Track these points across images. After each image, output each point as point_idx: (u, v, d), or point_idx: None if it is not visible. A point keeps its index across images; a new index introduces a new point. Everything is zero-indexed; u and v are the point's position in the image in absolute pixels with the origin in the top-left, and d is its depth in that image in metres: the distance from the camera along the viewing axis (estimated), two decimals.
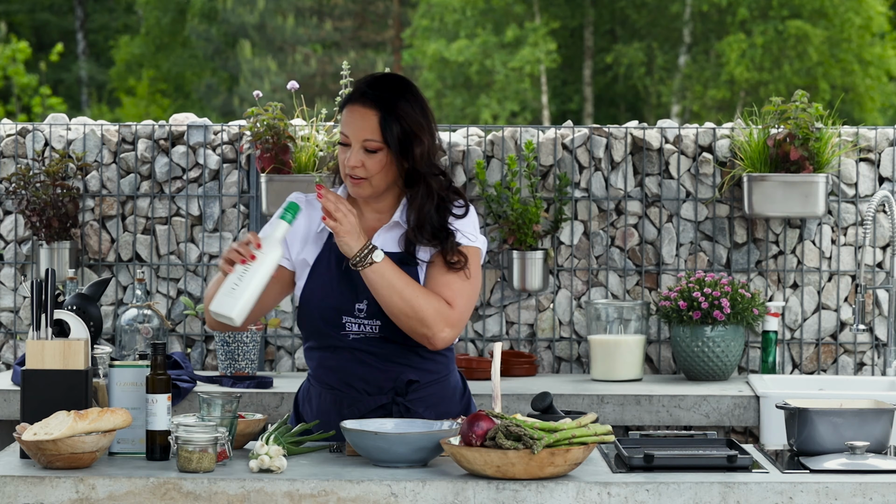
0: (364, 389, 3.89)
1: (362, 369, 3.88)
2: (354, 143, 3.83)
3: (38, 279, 3.69)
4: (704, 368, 5.34)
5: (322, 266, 3.91)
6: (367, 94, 3.84)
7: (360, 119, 3.83)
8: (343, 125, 3.86)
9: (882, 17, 21.30)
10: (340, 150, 3.87)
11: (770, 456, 3.73)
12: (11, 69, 20.69)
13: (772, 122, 5.51)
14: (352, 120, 3.84)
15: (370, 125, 3.83)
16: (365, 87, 3.86)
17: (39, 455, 3.46)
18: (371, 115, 3.83)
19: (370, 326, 3.88)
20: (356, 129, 3.83)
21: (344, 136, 3.85)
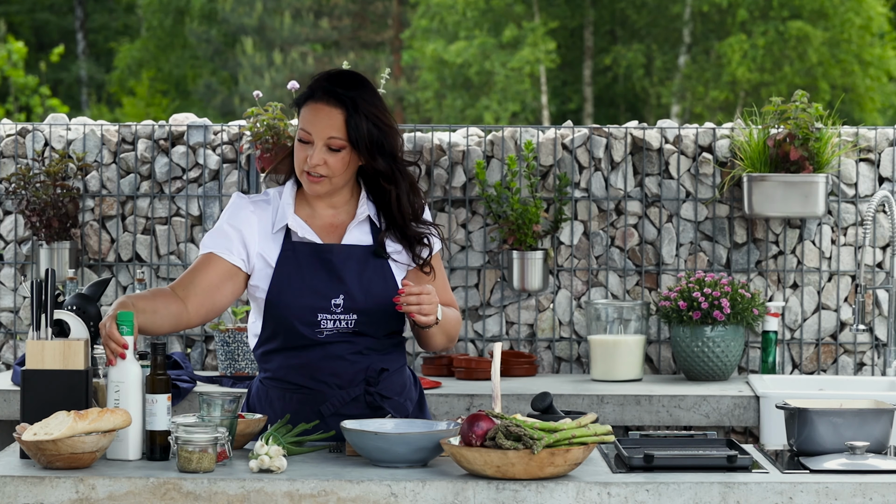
0: (336, 384, 3.88)
1: (333, 364, 3.87)
2: (317, 141, 3.82)
3: (38, 279, 3.68)
4: (704, 368, 5.34)
5: (288, 265, 3.88)
6: (331, 92, 3.82)
7: (325, 117, 3.81)
8: (305, 123, 3.83)
9: (882, 18, 21.30)
10: (299, 147, 3.84)
11: (770, 456, 3.73)
12: (9, 69, 20.69)
13: (772, 122, 5.51)
14: (315, 118, 3.82)
15: (335, 123, 3.81)
16: (327, 84, 3.84)
17: (39, 455, 3.46)
18: (336, 113, 3.82)
19: (346, 322, 3.88)
20: (320, 128, 3.81)
21: (305, 133, 3.82)
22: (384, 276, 3.92)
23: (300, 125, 3.85)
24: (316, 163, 3.82)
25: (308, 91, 3.87)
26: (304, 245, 3.89)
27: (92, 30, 25.14)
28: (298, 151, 3.85)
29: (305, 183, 3.87)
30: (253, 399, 4.00)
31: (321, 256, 3.88)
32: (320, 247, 3.89)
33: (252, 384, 4.05)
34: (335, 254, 3.89)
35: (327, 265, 3.88)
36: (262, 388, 3.97)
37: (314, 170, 3.83)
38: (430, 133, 5.71)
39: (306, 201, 3.94)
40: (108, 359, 3.61)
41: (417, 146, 5.68)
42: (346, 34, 23.08)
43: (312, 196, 3.91)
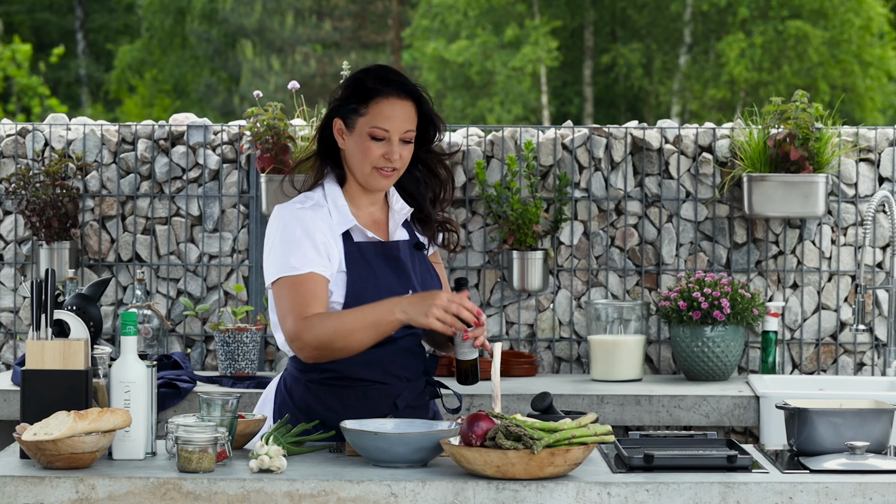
0: (405, 377, 3.91)
1: (404, 358, 3.90)
2: (394, 136, 3.84)
3: (38, 279, 3.69)
4: (704, 368, 5.34)
5: (359, 268, 3.86)
6: (401, 86, 3.86)
7: (402, 111, 3.85)
8: (381, 119, 3.83)
9: (882, 18, 21.30)
10: (370, 144, 3.84)
11: (770, 456, 3.73)
12: (12, 70, 20.70)
13: (772, 122, 5.51)
14: (394, 113, 3.84)
15: (410, 116, 3.86)
16: (398, 77, 3.88)
17: (39, 455, 3.46)
18: (410, 106, 3.87)
19: None
20: (399, 122, 3.84)
21: (382, 130, 3.83)
22: (430, 270, 4.01)
23: (374, 122, 3.83)
24: (396, 158, 3.84)
25: (375, 85, 3.86)
26: (368, 245, 3.88)
27: (92, 30, 25.14)
28: (370, 148, 3.84)
29: (374, 178, 3.87)
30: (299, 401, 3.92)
31: (389, 254, 3.90)
32: (387, 245, 3.91)
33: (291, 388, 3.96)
34: (398, 249, 3.92)
35: (394, 262, 3.90)
36: (309, 390, 3.91)
37: (394, 164, 3.85)
38: None
39: (350, 199, 3.93)
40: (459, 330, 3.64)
41: None
42: (347, 34, 23.08)
43: (373, 191, 3.92)
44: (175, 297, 5.73)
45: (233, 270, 5.72)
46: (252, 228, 5.69)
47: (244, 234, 5.71)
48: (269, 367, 5.72)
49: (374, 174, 3.86)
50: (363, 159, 3.85)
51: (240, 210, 5.71)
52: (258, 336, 5.33)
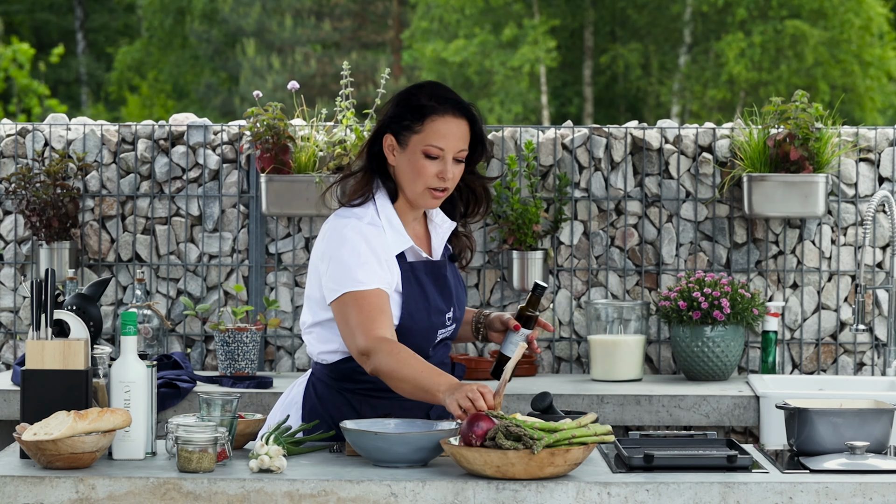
0: None
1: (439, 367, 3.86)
2: (448, 155, 3.81)
3: (38, 279, 3.69)
4: (704, 368, 5.34)
5: (412, 288, 3.86)
6: (459, 104, 3.83)
7: (457, 129, 3.81)
8: (437, 137, 3.79)
9: (882, 18, 21.30)
10: (424, 164, 3.80)
11: (770, 456, 3.73)
12: (14, 70, 20.70)
13: (772, 122, 5.51)
14: (450, 131, 3.80)
15: (464, 135, 3.84)
16: (453, 95, 3.85)
17: (39, 455, 3.46)
18: (464, 125, 3.84)
19: (450, 332, 3.97)
20: (455, 141, 3.81)
21: (437, 148, 3.80)
22: (461, 281, 4.04)
23: (429, 140, 3.80)
24: (450, 177, 3.81)
25: (430, 102, 3.82)
26: (420, 264, 3.89)
27: (92, 29, 25.14)
28: (424, 166, 3.81)
29: (425, 198, 3.84)
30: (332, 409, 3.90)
31: (436, 273, 3.91)
32: (435, 264, 3.92)
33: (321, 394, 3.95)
34: (446, 268, 3.94)
35: (441, 281, 3.91)
36: (342, 397, 3.91)
37: (448, 184, 3.82)
38: None
39: (399, 216, 3.91)
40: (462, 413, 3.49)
41: None
42: (347, 35, 23.08)
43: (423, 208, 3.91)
44: (175, 297, 5.73)
45: (233, 270, 5.72)
46: (252, 228, 5.69)
47: (244, 234, 5.71)
48: (268, 367, 5.72)
49: (426, 194, 3.83)
50: (416, 178, 3.82)
51: (240, 210, 5.71)
52: (258, 336, 5.33)
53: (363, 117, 5.61)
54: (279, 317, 5.68)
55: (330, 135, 5.57)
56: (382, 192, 3.89)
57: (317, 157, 5.52)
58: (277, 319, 5.39)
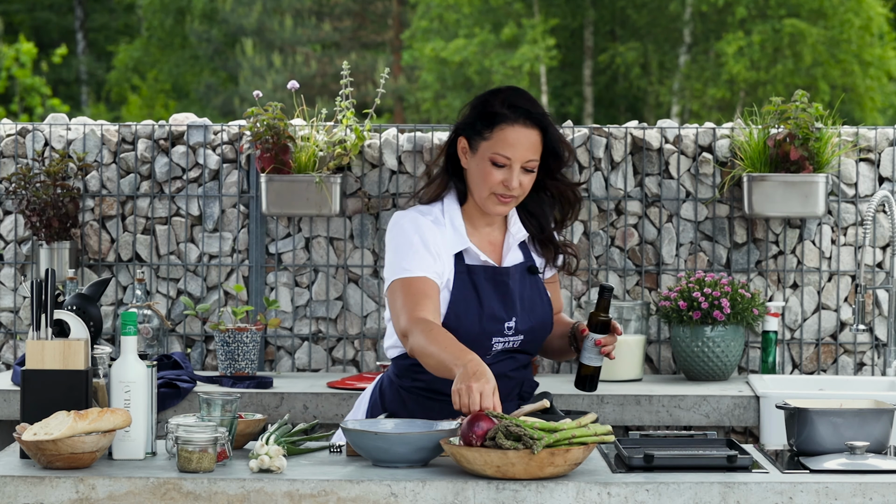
0: None
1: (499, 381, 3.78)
2: (515, 164, 3.82)
3: (38, 279, 3.69)
4: (704, 368, 5.34)
5: (465, 289, 3.87)
6: (531, 114, 3.83)
7: (526, 139, 3.82)
8: (504, 146, 3.80)
9: (882, 18, 21.30)
10: (490, 170, 3.81)
11: (770, 456, 3.73)
12: (16, 70, 20.71)
13: (772, 122, 5.51)
14: (518, 141, 3.81)
15: (534, 145, 3.83)
16: (526, 104, 3.84)
17: (39, 455, 3.46)
18: (534, 135, 3.84)
19: (513, 342, 3.92)
20: (522, 151, 3.81)
21: (504, 157, 3.80)
22: (540, 294, 3.98)
23: (496, 148, 3.81)
24: (516, 186, 3.81)
25: (502, 109, 3.83)
26: (479, 268, 3.88)
27: (92, 29, 25.15)
28: (491, 173, 3.82)
29: (491, 203, 3.85)
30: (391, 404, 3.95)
31: (497, 279, 3.89)
32: (497, 270, 3.90)
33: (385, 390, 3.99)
34: (510, 276, 3.91)
35: (502, 288, 3.89)
36: (399, 395, 3.94)
37: (513, 192, 3.82)
38: (430, 133, 5.71)
39: (468, 219, 3.93)
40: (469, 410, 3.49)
41: (417, 146, 5.68)
42: (347, 35, 23.08)
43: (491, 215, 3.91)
44: (175, 297, 5.73)
45: (233, 270, 5.72)
46: (252, 228, 5.69)
47: (244, 234, 5.71)
48: (269, 367, 5.72)
49: (492, 199, 3.85)
50: (482, 184, 3.84)
51: (240, 210, 5.71)
52: (258, 336, 5.33)
53: (363, 117, 5.61)
54: (279, 317, 5.68)
55: (330, 135, 5.57)
56: (452, 193, 3.93)
57: (317, 157, 5.53)
58: (277, 319, 5.39)
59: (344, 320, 5.69)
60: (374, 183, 5.68)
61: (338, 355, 5.69)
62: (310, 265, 5.70)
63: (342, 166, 5.64)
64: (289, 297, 5.69)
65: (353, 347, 5.70)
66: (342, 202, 5.67)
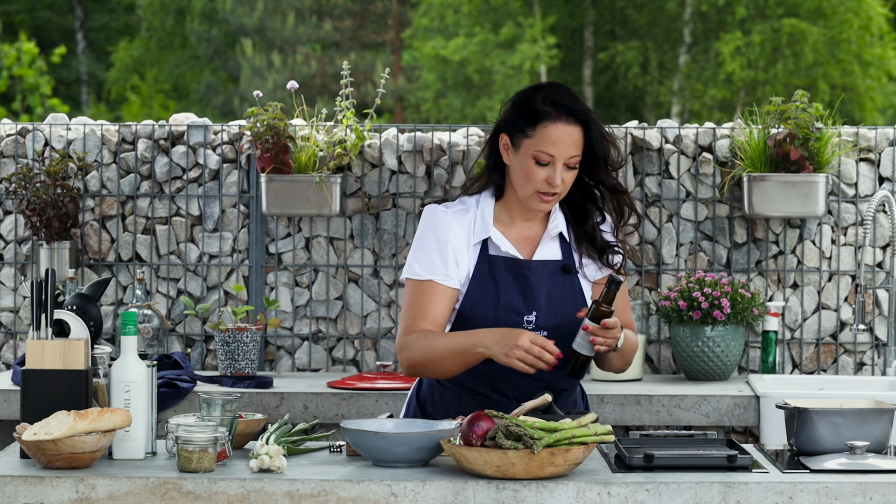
0: (516, 397, 3.87)
1: (518, 378, 3.84)
2: (558, 162, 3.81)
3: (38, 279, 3.69)
4: (704, 368, 5.34)
5: (484, 279, 3.87)
6: (573, 111, 3.82)
7: (569, 137, 3.81)
8: (547, 144, 3.80)
9: (881, 18, 21.29)
10: (532, 167, 3.81)
11: (770, 456, 3.73)
12: (18, 69, 20.71)
13: (772, 122, 5.51)
14: (560, 138, 3.80)
15: (577, 142, 3.82)
16: (569, 101, 3.83)
17: (39, 455, 3.46)
18: (577, 132, 3.82)
19: None
20: (566, 148, 3.80)
21: (547, 155, 3.80)
22: (573, 293, 3.93)
23: (539, 146, 3.80)
24: (559, 183, 3.81)
25: (545, 107, 3.82)
26: (501, 259, 3.88)
27: (92, 28, 25.14)
28: (534, 171, 3.81)
29: (534, 201, 3.84)
30: (424, 395, 3.99)
31: (518, 272, 3.88)
32: (519, 262, 3.88)
33: (421, 383, 4.05)
34: (532, 270, 3.88)
35: (523, 281, 3.87)
36: (437, 387, 3.97)
37: (555, 189, 3.82)
38: (430, 133, 5.71)
39: (505, 213, 3.93)
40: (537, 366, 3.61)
41: (418, 146, 5.68)
42: (347, 34, 23.07)
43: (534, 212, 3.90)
44: (175, 296, 5.73)
45: (233, 270, 5.72)
46: (252, 228, 5.69)
47: (244, 234, 5.71)
48: (269, 367, 5.72)
49: (535, 197, 3.84)
50: (525, 181, 3.83)
51: (240, 210, 5.71)
52: (258, 336, 5.33)
53: (363, 117, 5.61)
54: (279, 317, 5.68)
55: (330, 135, 5.57)
56: (492, 187, 3.94)
57: (317, 156, 5.53)
58: (277, 319, 5.39)
59: (344, 320, 5.69)
60: (374, 183, 5.68)
61: (338, 355, 5.69)
62: (310, 265, 5.70)
63: (342, 166, 5.64)
64: (289, 296, 5.69)
65: (353, 347, 5.70)
66: (342, 202, 5.67)
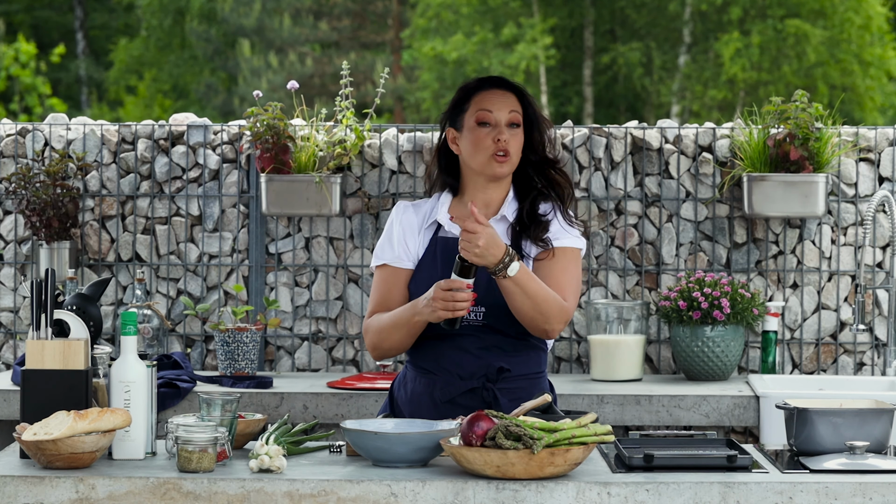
0: (457, 374, 3.99)
1: (459, 355, 3.99)
2: (500, 118, 3.99)
3: (38, 279, 3.69)
4: (704, 368, 5.34)
5: (428, 259, 4.03)
6: (501, 82, 4.06)
7: (503, 98, 4.03)
8: (485, 104, 4.00)
9: (881, 18, 21.29)
10: (479, 133, 4.00)
11: (770, 456, 3.73)
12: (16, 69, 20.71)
13: (772, 122, 5.51)
14: (495, 99, 4.01)
15: (513, 104, 4.02)
16: (498, 77, 4.09)
17: (39, 455, 3.46)
18: (510, 95, 4.04)
19: (474, 314, 3.98)
20: (501, 106, 4.00)
21: (486, 112, 3.99)
22: None
23: (478, 108, 4.01)
24: (506, 139, 3.97)
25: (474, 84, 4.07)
26: (446, 240, 4.03)
27: (92, 28, 25.14)
28: (480, 136, 4.00)
29: (490, 166, 4.00)
30: (397, 379, 4.16)
31: None
32: None
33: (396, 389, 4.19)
34: None
35: None
36: (404, 370, 4.14)
37: (504, 146, 3.97)
38: (430, 133, 5.71)
39: (463, 205, 4.05)
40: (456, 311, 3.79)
41: (417, 146, 5.68)
42: (346, 34, 23.07)
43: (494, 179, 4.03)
44: (175, 297, 5.73)
45: (233, 270, 5.72)
46: (252, 228, 5.69)
47: (244, 234, 5.71)
48: (268, 367, 5.72)
49: (490, 162, 4.00)
50: (476, 150, 4.01)
51: (240, 210, 5.71)
52: (258, 336, 5.33)
53: (363, 117, 5.61)
54: (279, 317, 5.68)
55: (330, 134, 5.57)
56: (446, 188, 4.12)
57: (317, 156, 5.53)
58: (277, 319, 5.39)
59: (344, 320, 5.69)
60: (374, 183, 5.68)
61: (338, 355, 5.69)
62: (310, 265, 5.70)
63: (342, 166, 5.64)
64: (289, 297, 5.69)
65: (353, 347, 5.70)
66: (342, 202, 5.67)
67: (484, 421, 3.42)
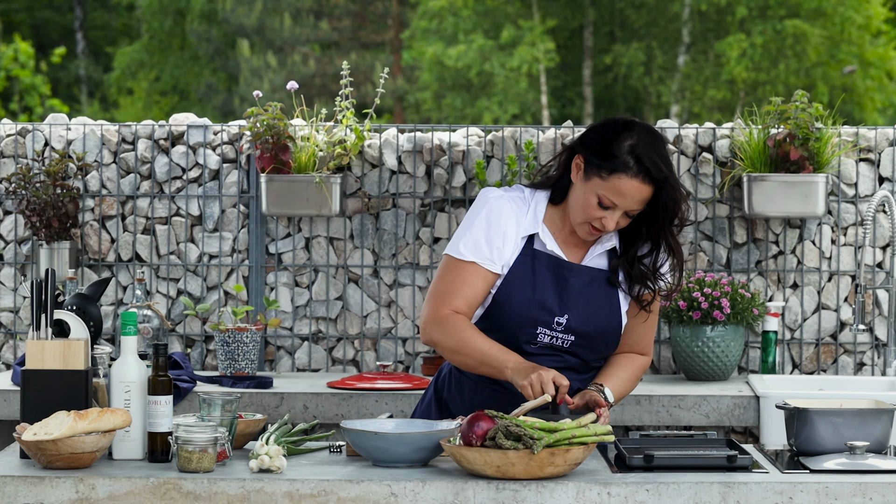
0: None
1: None
2: (619, 210, 3.80)
3: (38, 279, 3.69)
4: (704, 368, 5.34)
5: (522, 271, 3.86)
6: (650, 174, 3.77)
7: (638, 194, 3.78)
8: (615, 194, 3.77)
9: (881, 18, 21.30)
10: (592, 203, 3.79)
11: (770, 456, 3.73)
12: (15, 69, 20.72)
13: (772, 122, 5.51)
14: (629, 193, 3.77)
15: (644, 199, 3.80)
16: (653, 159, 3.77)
17: (39, 455, 3.46)
18: (648, 191, 3.79)
19: (562, 340, 3.88)
20: (632, 202, 3.79)
21: (610, 201, 3.77)
22: (610, 304, 3.92)
23: (607, 193, 3.77)
24: (612, 226, 3.81)
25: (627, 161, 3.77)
26: (545, 255, 3.88)
27: (92, 27, 25.15)
28: (592, 208, 3.79)
29: (583, 230, 3.84)
30: (442, 382, 4.02)
31: (558, 272, 3.87)
32: (562, 263, 3.88)
33: (443, 366, 4.07)
34: (573, 273, 3.88)
35: (562, 282, 3.87)
36: (455, 373, 3.99)
37: (605, 226, 3.81)
38: (430, 133, 5.71)
39: (559, 217, 3.91)
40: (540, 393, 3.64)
41: (417, 146, 5.68)
42: (346, 35, 23.08)
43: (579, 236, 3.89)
44: (175, 297, 5.73)
45: (233, 270, 5.72)
46: (252, 228, 5.69)
47: (244, 234, 5.71)
48: (269, 367, 5.72)
49: (584, 227, 3.84)
50: (581, 213, 3.82)
51: (240, 210, 5.71)
52: (258, 336, 5.33)
53: (363, 117, 5.61)
54: (279, 317, 5.68)
55: (330, 135, 5.57)
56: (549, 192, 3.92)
57: (317, 156, 5.53)
58: (277, 319, 5.39)
59: (344, 320, 5.70)
60: (374, 183, 5.68)
61: (338, 355, 5.69)
62: (310, 265, 5.70)
63: (342, 166, 5.64)
64: (289, 297, 5.69)
65: (353, 347, 5.70)
66: (342, 202, 5.67)
67: (484, 421, 3.42)
